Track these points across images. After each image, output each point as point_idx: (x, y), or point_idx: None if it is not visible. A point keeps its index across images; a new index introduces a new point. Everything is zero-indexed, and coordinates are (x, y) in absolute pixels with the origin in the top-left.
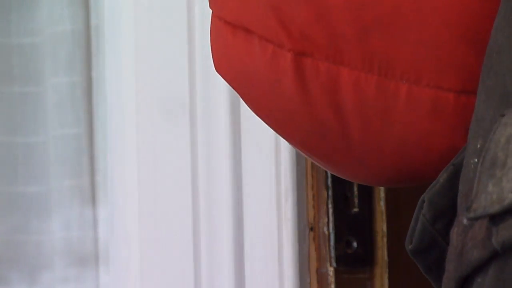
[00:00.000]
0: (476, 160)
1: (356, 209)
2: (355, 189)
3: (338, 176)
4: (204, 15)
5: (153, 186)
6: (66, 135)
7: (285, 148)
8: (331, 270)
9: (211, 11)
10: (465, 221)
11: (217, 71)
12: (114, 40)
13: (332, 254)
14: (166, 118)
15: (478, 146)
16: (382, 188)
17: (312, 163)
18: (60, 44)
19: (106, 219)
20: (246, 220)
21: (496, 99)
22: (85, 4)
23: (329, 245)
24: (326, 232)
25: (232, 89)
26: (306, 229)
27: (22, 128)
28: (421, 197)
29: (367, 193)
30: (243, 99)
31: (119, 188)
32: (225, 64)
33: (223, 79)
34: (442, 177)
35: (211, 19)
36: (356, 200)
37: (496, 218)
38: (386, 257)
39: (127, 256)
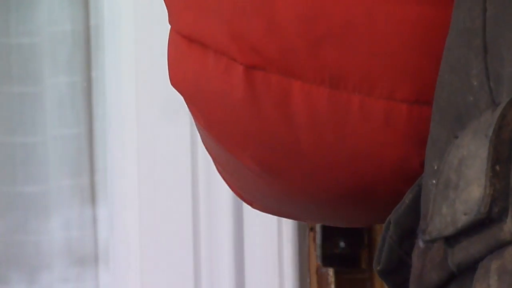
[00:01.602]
0: (434, 181)
1: None
2: None
3: (287, 195)
4: None
5: (153, 186)
6: (65, 135)
7: None
8: (331, 270)
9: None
10: (421, 243)
11: (172, 84)
12: (114, 40)
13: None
14: (166, 118)
15: (435, 167)
16: None
17: None
18: (60, 44)
19: (106, 219)
20: (246, 220)
21: (449, 120)
22: (85, 4)
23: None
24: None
25: None
26: (306, 229)
27: (21, 128)
28: (387, 219)
29: None
30: (195, 113)
31: (119, 188)
32: (180, 77)
33: None
34: (408, 198)
35: (169, 34)
36: None
37: (451, 240)
38: None
39: (127, 256)
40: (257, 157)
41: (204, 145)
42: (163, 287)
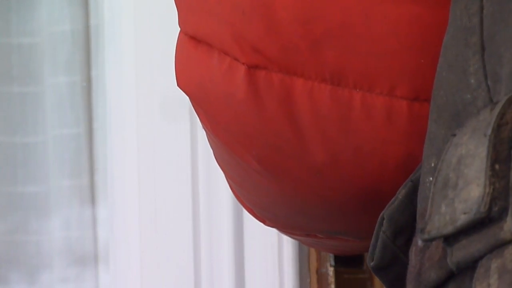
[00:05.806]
0: (431, 178)
1: None
2: None
3: (297, 198)
4: None
5: (153, 186)
6: (65, 135)
7: None
8: (331, 270)
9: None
10: (419, 242)
11: (178, 85)
12: (114, 40)
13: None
14: (166, 118)
15: (432, 164)
16: None
17: None
18: (60, 44)
19: (105, 219)
20: (246, 220)
21: (447, 118)
22: (85, 4)
23: None
24: None
25: None
26: None
27: (21, 128)
28: (381, 214)
29: None
30: (201, 115)
31: (119, 188)
32: (186, 78)
33: None
34: (401, 193)
35: (178, 36)
36: None
37: (450, 239)
38: None
39: (127, 256)
40: (263, 157)
41: (216, 158)
42: (163, 287)
